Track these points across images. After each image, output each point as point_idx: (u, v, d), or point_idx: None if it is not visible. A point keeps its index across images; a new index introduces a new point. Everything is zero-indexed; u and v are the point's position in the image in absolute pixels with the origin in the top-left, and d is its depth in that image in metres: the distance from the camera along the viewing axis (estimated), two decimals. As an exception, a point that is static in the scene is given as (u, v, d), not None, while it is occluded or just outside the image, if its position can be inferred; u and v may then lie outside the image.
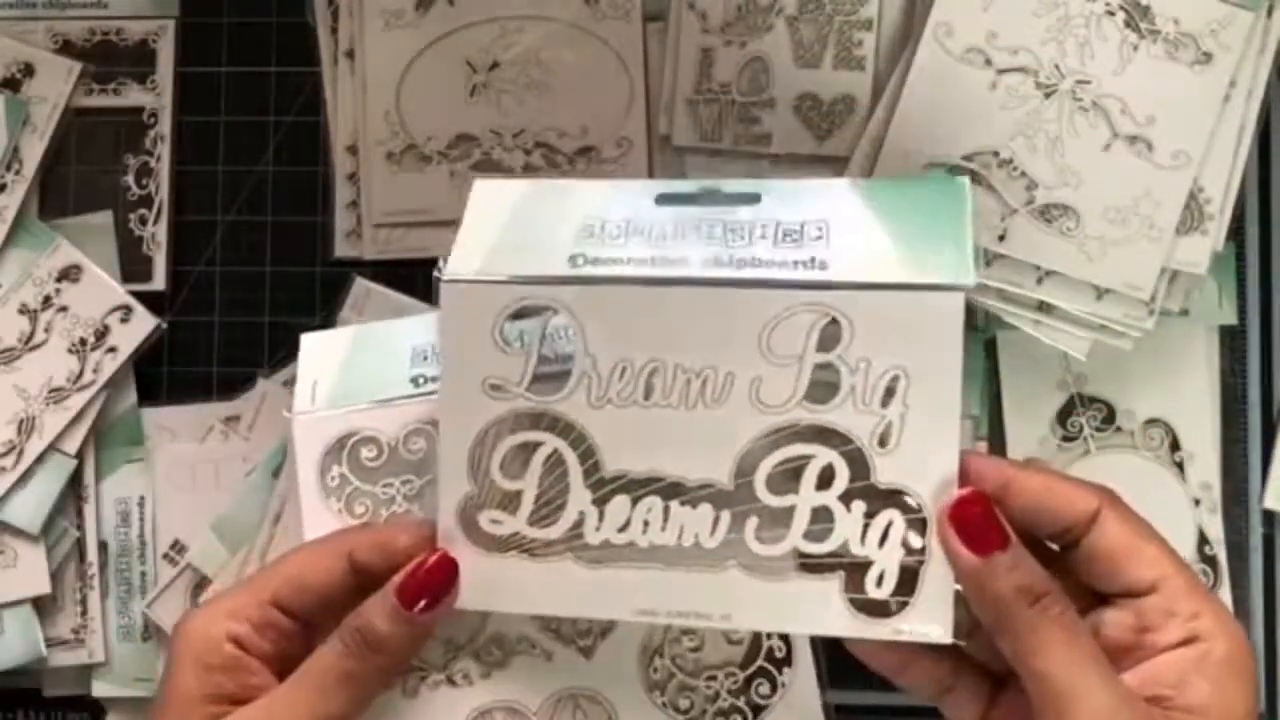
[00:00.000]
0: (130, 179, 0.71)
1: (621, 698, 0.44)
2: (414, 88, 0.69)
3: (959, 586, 0.38)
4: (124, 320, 0.69)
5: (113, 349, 0.69)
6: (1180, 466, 0.69)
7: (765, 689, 0.45)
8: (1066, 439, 0.69)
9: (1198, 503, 0.68)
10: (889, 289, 0.39)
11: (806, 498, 0.38)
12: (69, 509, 0.69)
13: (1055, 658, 0.36)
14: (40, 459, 0.68)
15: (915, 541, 0.38)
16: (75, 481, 0.69)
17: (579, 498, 0.40)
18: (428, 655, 0.44)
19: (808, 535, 0.39)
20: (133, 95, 0.72)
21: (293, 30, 0.71)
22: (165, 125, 0.71)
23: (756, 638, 0.45)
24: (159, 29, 0.72)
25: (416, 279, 0.70)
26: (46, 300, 0.69)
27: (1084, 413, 0.69)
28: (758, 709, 0.45)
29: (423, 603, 0.41)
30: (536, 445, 0.40)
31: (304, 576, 0.43)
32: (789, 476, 0.39)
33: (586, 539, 0.40)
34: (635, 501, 0.39)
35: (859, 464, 0.38)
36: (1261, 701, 0.69)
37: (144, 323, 0.69)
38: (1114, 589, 0.39)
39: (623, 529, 0.40)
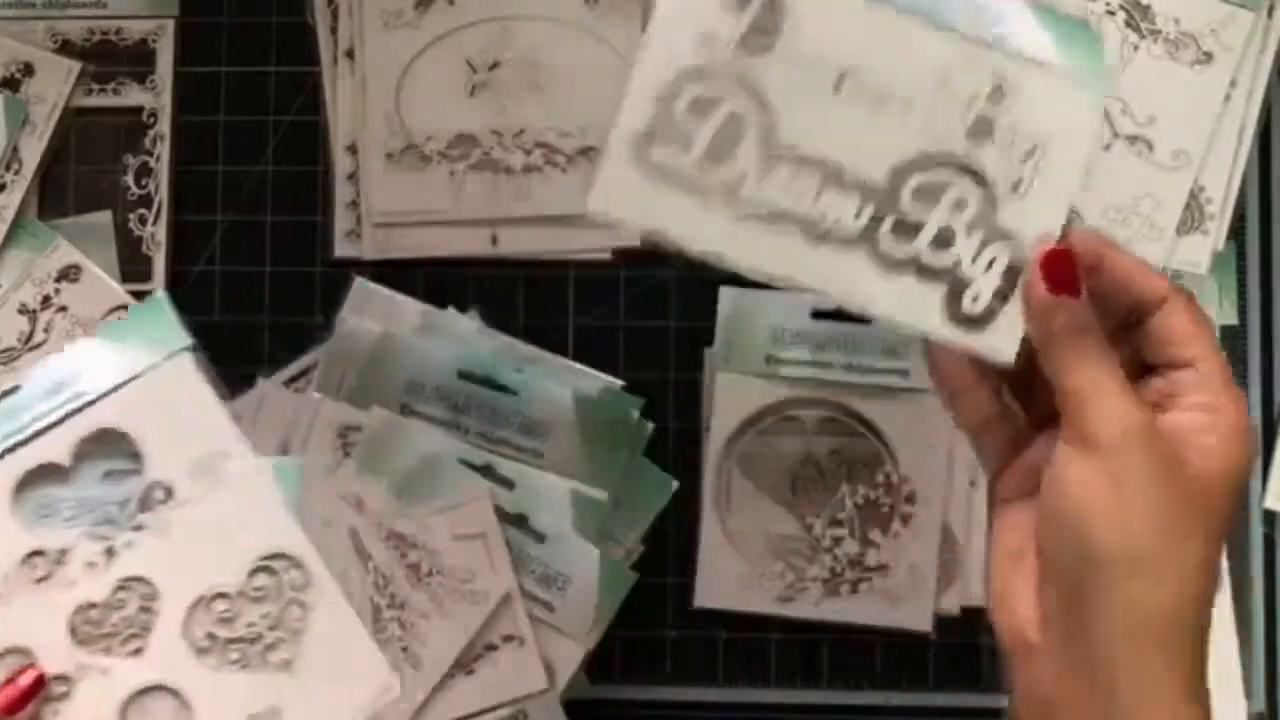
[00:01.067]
0: (130, 179, 0.71)
1: (179, 676, 0.50)
2: (414, 87, 0.69)
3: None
4: (123, 320, 0.69)
5: (112, 349, 0.69)
6: (1181, 466, 0.69)
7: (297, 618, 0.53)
8: (1067, 439, 0.69)
9: (1198, 503, 0.68)
10: (1053, 72, 0.46)
11: (939, 216, 0.45)
12: (68, 509, 0.69)
13: (1084, 374, 0.42)
14: (40, 459, 0.68)
15: (1010, 278, 0.45)
16: (75, 482, 0.69)
17: (748, 154, 0.45)
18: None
19: (931, 244, 0.45)
20: (132, 95, 0.72)
21: (292, 30, 0.71)
22: (165, 125, 0.71)
23: (279, 579, 0.54)
24: (158, 29, 0.72)
25: (416, 279, 0.70)
26: (46, 300, 0.69)
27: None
28: (295, 632, 0.52)
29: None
30: (722, 100, 0.45)
31: None
32: (931, 194, 0.45)
33: (743, 192, 0.46)
34: (797, 174, 0.45)
35: (988, 202, 0.46)
36: (1262, 701, 0.69)
37: (143, 323, 0.69)
38: (1159, 361, 0.44)
39: (778, 192, 0.46)
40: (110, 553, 0.50)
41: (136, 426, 0.52)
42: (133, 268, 0.71)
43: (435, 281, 0.70)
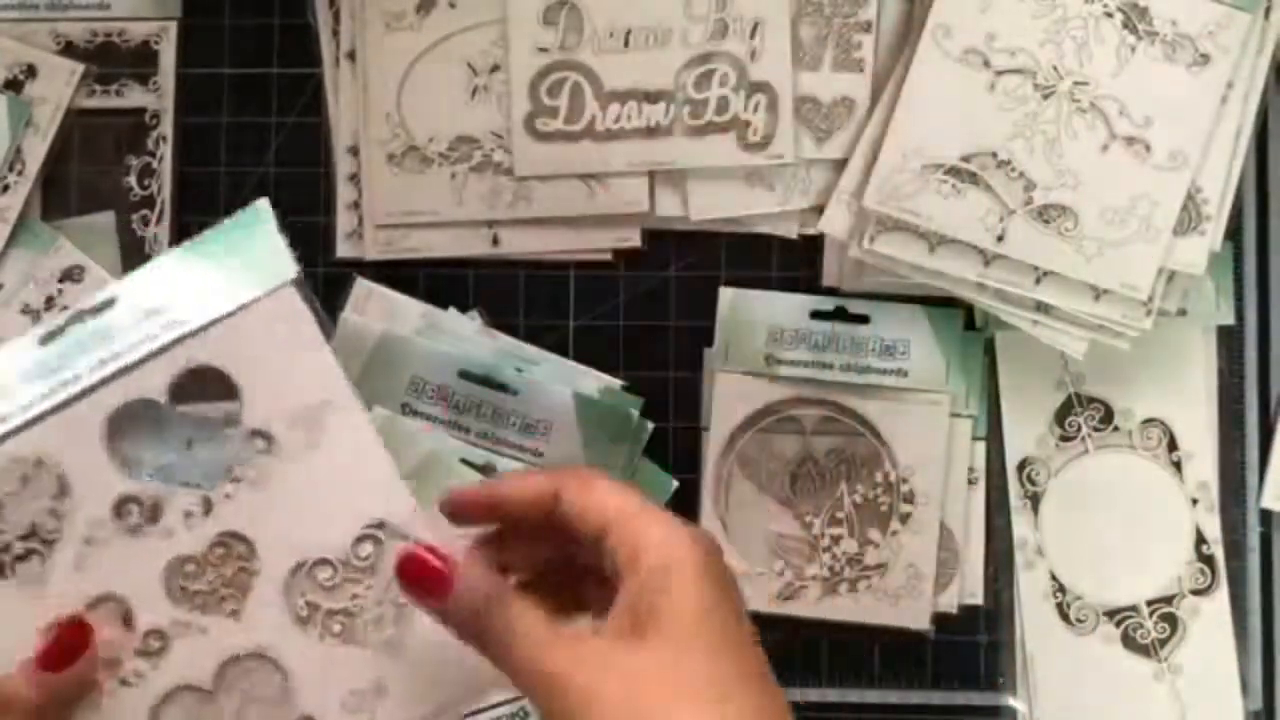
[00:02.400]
0: (132, 180, 0.71)
1: (279, 643, 0.46)
2: (415, 89, 0.70)
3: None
4: (126, 320, 0.69)
5: (115, 349, 0.69)
6: (1178, 466, 0.69)
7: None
8: (1064, 438, 0.69)
9: (1195, 502, 0.69)
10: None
11: (714, 90, 0.63)
12: (71, 508, 0.69)
13: (508, 656, 0.40)
14: (43, 459, 0.68)
15: (772, 107, 0.57)
16: (78, 481, 0.69)
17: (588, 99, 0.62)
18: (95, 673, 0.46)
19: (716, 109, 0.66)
20: (135, 96, 0.72)
21: (294, 31, 0.72)
22: (167, 126, 0.72)
23: (380, 545, 0.47)
24: (161, 30, 0.72)
25: (417, 279, 0.70)
26: (49, 300, 0.70)
27: (1082, 412, 0.69)
28: (400, 605, 0.46)
29: (47, 658, 0.44)
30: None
31: None
32: (705, 78, 0.68)
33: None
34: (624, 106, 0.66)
35: (740, 69, 0.68)
36: (1259, 700, 0.69)
37: (146, 323, 0.69)
38: (591, 540, 0.42)
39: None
40: (208, 505, 0.46)
41: (236, 366, 0.46)
42: (136, 268, 0.71)
43: (436, 282, 0.70)
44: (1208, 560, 0.69)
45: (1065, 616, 0.69)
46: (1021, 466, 0.70)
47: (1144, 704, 0.69)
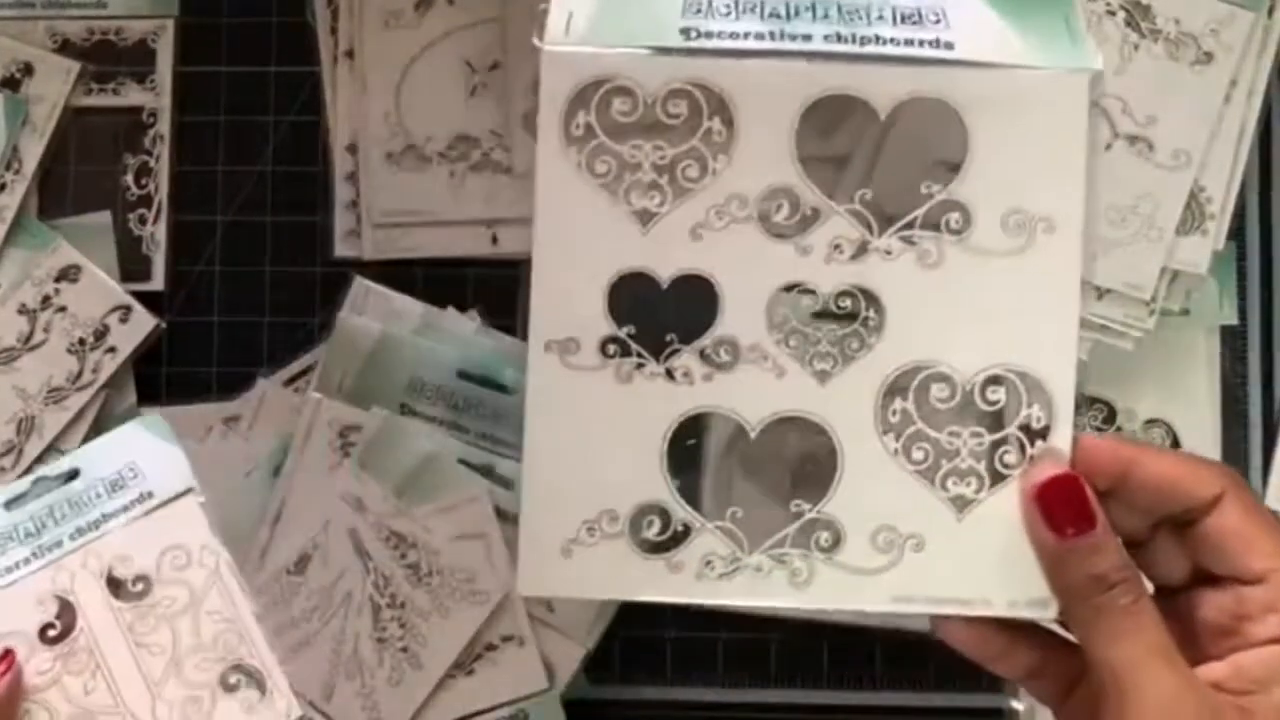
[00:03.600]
0: (129, 179, 0.71)
1: (850, 433, 0.41)
2: (414, 88, 0.69)
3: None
4: (123, 320, 0.69)
5: (112, 349, 0.69)
6: (1181, 466, 0.69)
7: (1011, 457, 0.39)
8: (1067, 439, 0.69)
9: (1198, 503, 0.68)
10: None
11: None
12: (68, 509, 0.69)
13: (1120, 647, 0.37)
14: (40, 459, 0.68)
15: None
16: (75, 482, 0.69)
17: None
18: (646, 342, 0.40)
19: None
20: (132, 95, 0.72)
21: (292, 30, 0.71)
22: (164, 125, 0.71)
23: (1015, 401, 0.39)
24: (158, 28, 0.72)
25: (416, 279, 0.70)
26: (46, 300, 0.69)
27: (1085, 412, 0.69)
28: (998, 477, 0.39)
29: None
30: None
31: None
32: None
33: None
34: None
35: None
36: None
37: (143, 323, 0.69)
38: (1222, 571, 0.38)
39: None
40: (861, 246, 0.39)
41: (981, 119, 0.39)
42: (133, 267, 0.71)
43: (435, 281, 0.70)
44: (1210, 561, 0.68)
45: (1067, 618, 0.69)
46: (1023, 467, 0.69)
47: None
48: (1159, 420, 0.69)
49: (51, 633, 0.53)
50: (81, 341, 0.69)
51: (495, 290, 0.71)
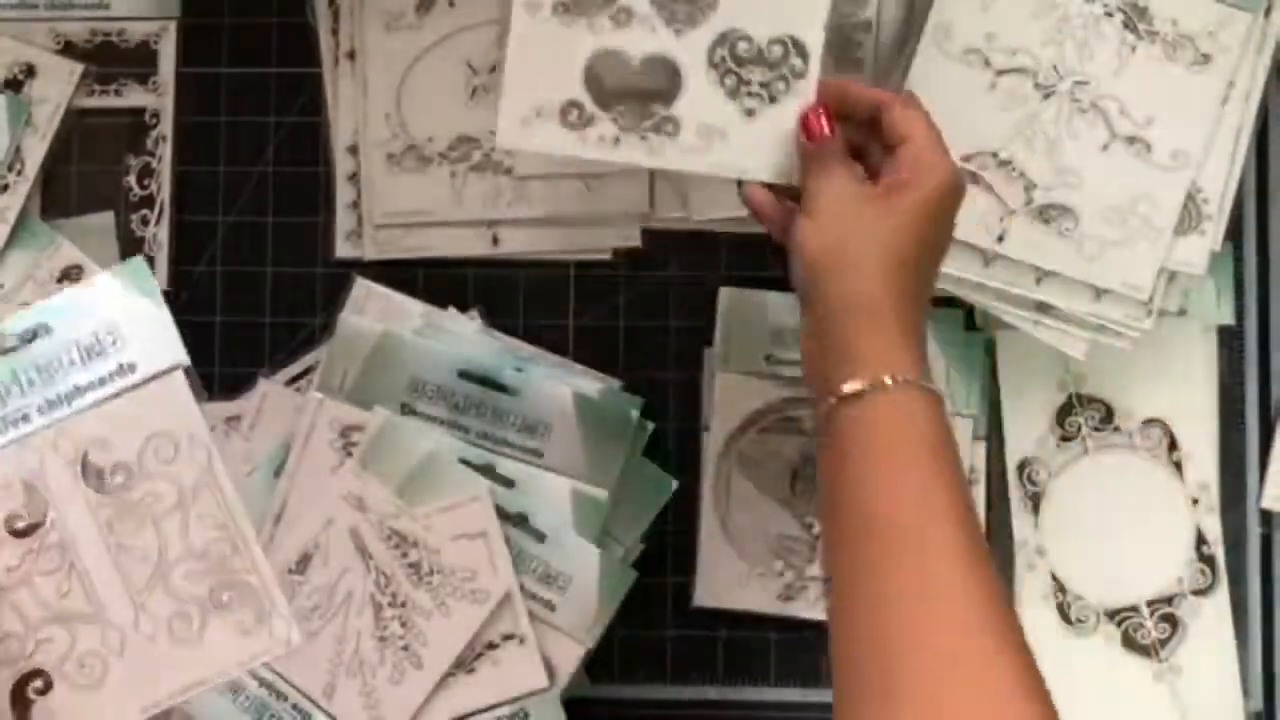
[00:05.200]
0: (132, 179, 0.71)
1: (690, 67, 0.59)
2: (415, 89, 0.70)
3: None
4: (125, 320, 0.69)
5: (114, 349, 0.69)
6: (1178, 466, 0.69)
7: (780, 87, 0.59)
8: (1065, 438, 0.69)
9: (1196, 502, 0.69)
10: None
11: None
12: (71, 509, 0.69)
13: (821, 175, 0.56)
14: (42, 459, 0.68)
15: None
16: (77, 481, 0.69)
17: None
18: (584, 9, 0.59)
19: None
20: (134, 96, 0.72)
21: (294, 31, 0.71)
22: (166, 126, 0.72)
23: (786, 54, 0.60)
24: (160, 30, 0.72)
25: (417, 279, 0.70)
26: (48, 300, 0.70)
27: (1082, 412, 0.69)
28: (773, 99, 0.60)
29: None
30: None
31: None
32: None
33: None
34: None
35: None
36: (1260, 700, 0.69)
37: (145, 323, 0.69)
38: (890, 144, 0.57)
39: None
40: None
41: None
42: (135, 268, 0.71)
43: (436, 281, 0.70)
44: (1208, 560, 0.69)
45: (1065, 616, 0.69)
46: (1022, 467, 0.69)
47: (1144, 704, 0.68)
48: (1156, 420, 0.69)
49: (19, 524, 0.46)
50: (84, 341, 0.69)
51: (495, 290, 0.71)
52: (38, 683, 0.46)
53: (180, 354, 0.47)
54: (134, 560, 0.46)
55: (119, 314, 0.48)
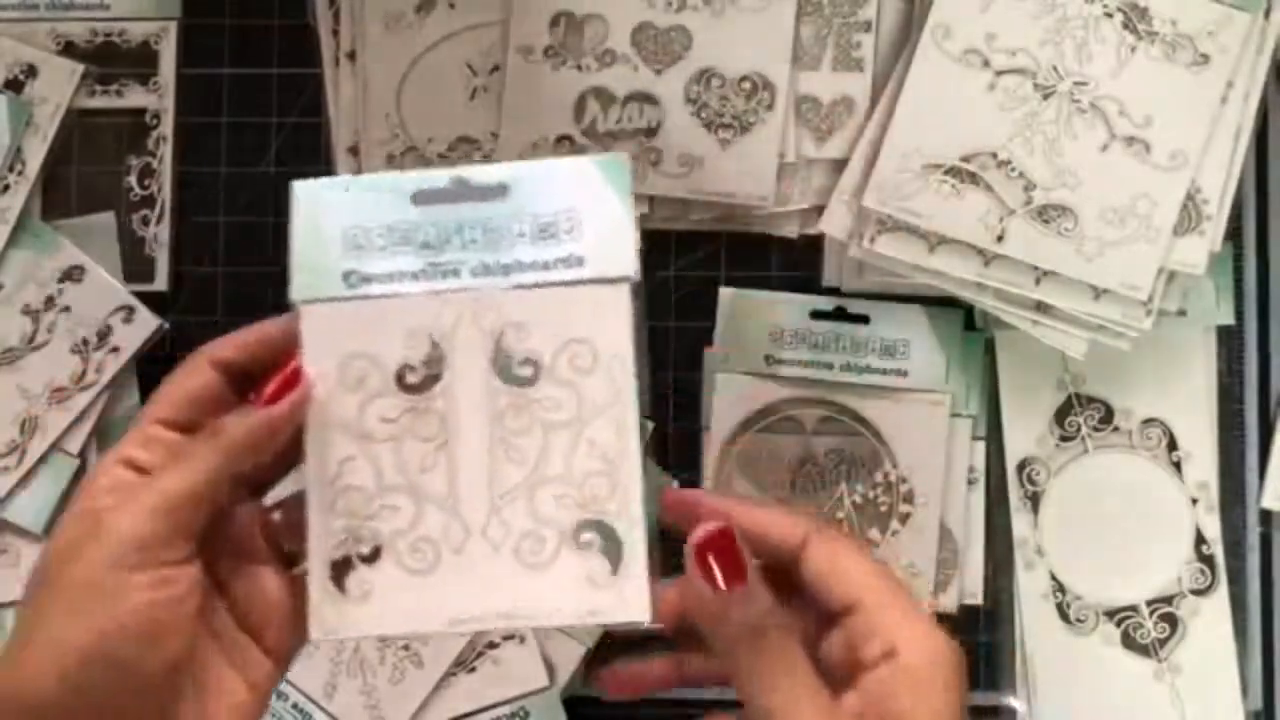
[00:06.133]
0: (133, 180, 0.72)
1: (669, 103, 0.63)
2: (415, 90, 0.70)
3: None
4: (126, 321, 0.69)
5: (115, 349, 0.69)
6: (1178, 466, 0.69)
7: None
8: (1064, 438, 0.69)
9: (1195, 502, 0.69)
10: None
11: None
12: (72, 508, 0.69)
13: (777, 694, 0.40)
14: (43, 459, 0.68)
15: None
16: (78, 481, 0.69)
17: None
18: None
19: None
20: (135, 96, 0.72)
21: (294, 32, 0.72)
22: (167, 126, 0.72)
23: None
24: (161, 30, 0.72)
25: (417, 279, 0.70)
26: (49, 300, 0.70)
27: (1082, 412, 0.69)
28: None
29: (266, 396, 0.44)
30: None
31: (174, 390, 0.45)
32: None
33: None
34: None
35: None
36: (1259, 700, 0.69)
37: (146, 323, 0.69)
38: (831, 610, 0.42)
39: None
40: None
41: None
42: (136, 268, 0.71)
43: (436, 282, 0.70)
44: (1208, 560, 0.69)
45: (1065, 616, 0.69)
46: (1021, 466, 0.70)
47: (1144, 704, 0.69)
48: (1155, 420, 0.69)
49: (410, 378, 0.43)
50: (85, 342, 0.69)
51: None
52: (365, 548, 0.43)
53: (633, 267, 0.43)
54: (508, 461, 0.42)
55: (586, 202, 0.43)
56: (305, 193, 0.47)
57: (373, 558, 0.43)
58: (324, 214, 0.46)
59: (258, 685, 0.44)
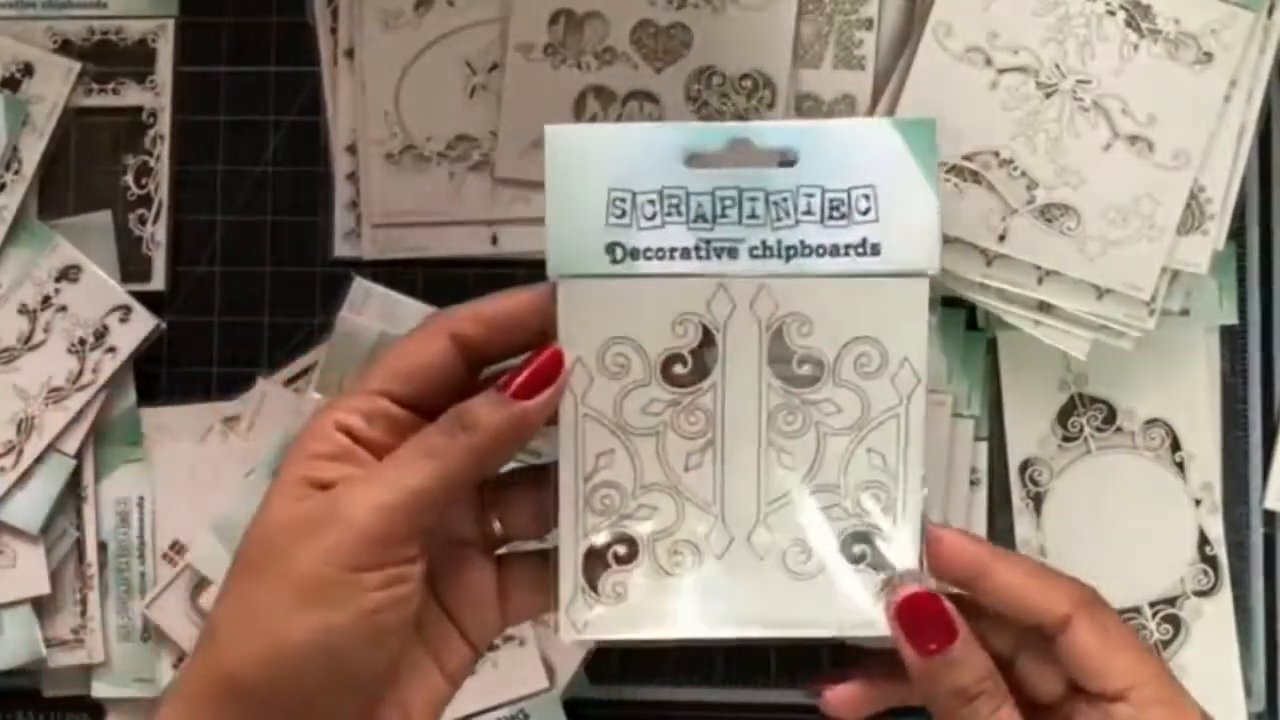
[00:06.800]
0: (129, 179, 0.71)
1: None
2: (413, 88, 0.69)
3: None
4: (123, 320, 0.69)
5: (112, 349, 0.69)
6: (1181, 466, 0.69)
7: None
8: (1067, 439, 0.69)
9: (1198, 503, 0.68)
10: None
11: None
12: (68, 509, 0.69)
13: None
14: (40, 459, 0.68)
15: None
16: (75, 482, 0.69)
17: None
18: None
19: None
20: (132, 95, 0.72)
21: (292, 30, 0.71)
22: (164, 125, 0.71)
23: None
24: (158, 28, 0.72)
25: (416, 279, 0.70)
26: (46, 300, 0.69)
27: (1084, 413, 0.69)
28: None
29: (520, 387, 0.40)
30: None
31: (404, 361, 0.41)
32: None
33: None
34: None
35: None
36: (1263, 701, 0.69)
37: (143, 323, 0.69)
38: (1086, 687, 0.40)
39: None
40: None
41: None
42: (133, 268, 0.71)
43: (435, 281, 0.70)
44: (1211, 561, 0.68)
45: (1067, 618, 0.69)
46: (1024, 467, 0.69)
47: (1146, 706, 0.68)
48: (1158, 420, 0.69)
49: (677, 368, 0.40)
50: (81, 341, 0.69)
51: (495, 290, 0.70)
52: (622, 549, 0.41)
53: (934, 260, 0.40)
54: (779, 466, 0.40)
55: (886, 179, 0.40)
56: (563, 141, 0.41)
57: (629, 559, 0.41)
58: (585, 171, 0.40)
59: (455, 675, 0.42)
